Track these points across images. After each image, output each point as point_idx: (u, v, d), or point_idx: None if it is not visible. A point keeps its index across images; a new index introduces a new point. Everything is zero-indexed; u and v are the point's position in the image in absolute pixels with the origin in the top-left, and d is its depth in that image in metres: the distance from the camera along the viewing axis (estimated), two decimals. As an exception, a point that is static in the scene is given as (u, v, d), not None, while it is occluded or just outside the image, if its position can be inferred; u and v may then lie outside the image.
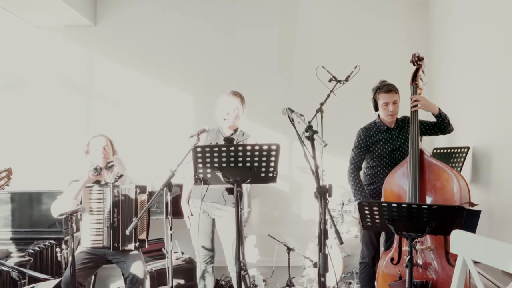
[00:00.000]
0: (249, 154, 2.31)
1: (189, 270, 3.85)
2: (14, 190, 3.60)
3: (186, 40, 5.00)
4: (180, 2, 5.02)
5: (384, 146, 3.15)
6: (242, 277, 2.94)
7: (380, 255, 3.06)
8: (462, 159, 3.56)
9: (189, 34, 5.00)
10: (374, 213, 2.29)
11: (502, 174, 3.14)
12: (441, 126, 3.08)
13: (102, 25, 5.04)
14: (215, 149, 2.33)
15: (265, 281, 3.98)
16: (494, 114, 3.29)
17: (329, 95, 3.59)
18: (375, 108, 3.17)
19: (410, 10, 4.94)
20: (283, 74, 4.99)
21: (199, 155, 2.34)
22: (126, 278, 2.97)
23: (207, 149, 2.34)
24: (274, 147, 2.31)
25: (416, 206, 2.18)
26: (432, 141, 4.38)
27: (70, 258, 2.67)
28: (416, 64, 3.09)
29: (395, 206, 2.20)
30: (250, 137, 3.09)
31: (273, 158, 2.34)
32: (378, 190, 3.12)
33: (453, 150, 3.63)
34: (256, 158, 2.32)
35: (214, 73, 4.97)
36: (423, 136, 3.15)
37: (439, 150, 3.73)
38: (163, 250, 4.06)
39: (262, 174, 2.38)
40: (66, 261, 3.71)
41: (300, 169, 4.61)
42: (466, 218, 2.17)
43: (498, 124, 3.21)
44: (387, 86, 3.08)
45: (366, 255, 3.19)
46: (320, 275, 1.90)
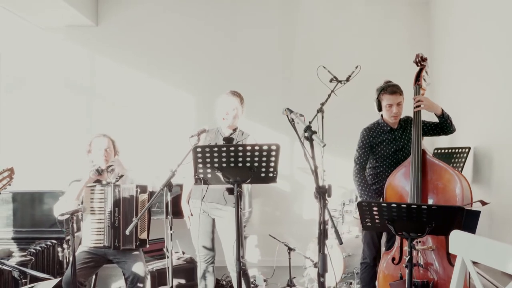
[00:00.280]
0: (249, 154, 2.31)
1: (190, 270, 3.86)
2: (16, 190, 3.62)
3: (187, 40, 5.01)
4: (181, 2, 5.03)
5: (387, 147, 3.14)
6: (243, 275, 2.95)
7: (381, 255, 3.06)
8: (463, 159, 3.55)
9: (190, 34, 5.01)
10: (374, 213, 2.29)
11: (503, 174, 3.14)
12: (443, 126, 3.06)
13: (104, 25, 5.05)
14: (215, 149, 2.33)
15: (266, 281, 3.98)
16: (495, 114, 3.28)
17: (330, 95, 3.58)
18: (379, 108, 3.14)
19: (411, 10, 4.93)
20: (284, 74, 5.00)
21: (199, 155, 2.35)
22: (127, 278, 2.98)
23: (207, 149, 2.34)
24: (274, 147, 2.31)
25: (415, 206, 2.18)
26: (433, 141, 4.37)
27: (71, 258, 2.68)
28: (419, 64, 3.07)
29: (395, 206, 2.20)
30: (249, 136, 3.09)
31: (273, 158, 2.34)
32: (381, 190, 3.10)
33: (454, 150, 3.62)
34: (256, 158, 2.32)
35: (215, 73, 4.98)
36: (425, 136, 3.12)
37: (440, 150, 3.72)
38: (164, 249, 4.06)
39: (262, 174, 2.38)
40: (67, 260, 3.71)
41: (301, 169, 4.61)
42: (466, 219, 2.17)
43: (499, 124, 3.20)
44: (392, 88, 3.04)
45: (367, 255, 3.17)
46: (319, 275, 1.90)
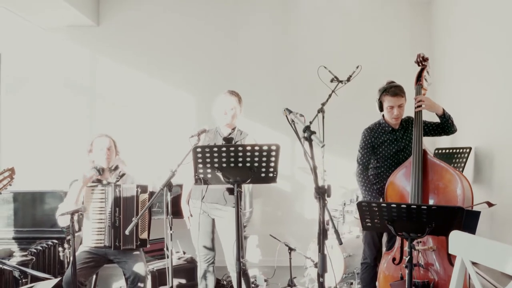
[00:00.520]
0: (249, 154, 2.31)
1: (190, 270, 3.86)
2: (17, 189, 3.63)
3: (188, 40, 5.02)
4: (181, 2, 5.03)
5: (388, 147, 3.13)
6: (243, 275, 2.95)
7: (382, 256, 3.05)
8: (464, 160, 3.55)
9: (190, 34, 5.02)
10: (374, 213, 2.28)
11: (504, 174, 3.13)
12: (445, 126, 3.05)
13: (105, 25, 5.06)
14: (215, 149, 2.33)
15: (266, 281, 3.98)
16: (496, 115, 3.27)
17: (330, 95, 3.57)
18: (380, 108, 3.14)
19: (412, 10, 4.93)
20: (285, 74, 4.99)
21: (199, 155, 2.35)
22: (128, 278, 2.98)
23: (207, 149, 2.34)
24: (274, 147, 2.31)
25: (415, 206, 2.18)
26: (434, 141, 4.36)
27: (72, 258, 2.69)
28: (421, 64, 3.06)
29: (395, 206, 2.19)
30: (248, 136, 3.10)
31: (273, 159, 2.34)
32: (382, 190, 3.10)
33: (455, 151, 3.61)
34: (256, 159, 2.32)
35: (215, 73, 4.98)
36: (426, 136, 3.10)
37: (441, 150, 3.72)
38: (165, 249, 4.06)
39: (262, 174, 2.38)
40: (68, 260, 3.72)
41: (302, 169, 4.61)
42: (466, 219, 2.17)
43: (500, 124, 3.19)
44: (394, 89, 3.02)
45: (368, 256, 3.17)
46: (319, 276, 1.90)
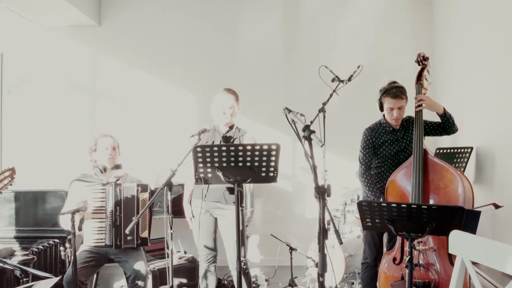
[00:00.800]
0: (249, 154, 2.31)
1: (191, 269, 3.86)
2: (18, 189, 3.64)
3: (189, 39, 5.02)
4: (182, 2, 5.03)
5: (389, 148, 3.13)
6: (245, 275, 2.95)
7: (382, 256, 3.05)
8: (465, 159, 3.54)
9: (191, 33, 5.02)
10: (374, 213, 2.28)
11: (505, 174, 3.12)
12: (445, 126, 3.05)
13: (106, 25, 5.07)
14: (215, 148, 2.33)
15: (267, 280, 3.99)
16: (497, 114, 3.27)
17: (331, 95, 3.57)
18: (381, 109, 3.13)
19: (414, 9, 4.92)
20: (286, 74, 4.99)
21: (200, 155, 2.35)
22: (128, 277, 2.99)
23: (207, 148, 2.34)
24: (274, 147, 2.31)
25: (415, 206, 2.17)
26: (435, 141, 4.35)
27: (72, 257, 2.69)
28: (421, 64, 3.05)
29: (395, 206, 2.19)
30: (246, 133, 3.09)
31: (273, 158, 2.34)
32: (383, 189, 3.09)
33: (456, 150, 3.60)
34: (256, 158, 2.33)
35: (216, 72, 4.98)
36: (427, 136, 3.10)
37: (442, 150, 3.71)
38: (165, 249, 4.07)
39: (263, 174, 2.39)
40: (69, 259, 3.73)
41: (303, 169, 4.61)
42: (467, 219, 2.16)
43: (502, 124, 3.18)
44: (395, 91, 2.99)
45: (368, 255, 3.17)
46: (319, 275, 1.90)
